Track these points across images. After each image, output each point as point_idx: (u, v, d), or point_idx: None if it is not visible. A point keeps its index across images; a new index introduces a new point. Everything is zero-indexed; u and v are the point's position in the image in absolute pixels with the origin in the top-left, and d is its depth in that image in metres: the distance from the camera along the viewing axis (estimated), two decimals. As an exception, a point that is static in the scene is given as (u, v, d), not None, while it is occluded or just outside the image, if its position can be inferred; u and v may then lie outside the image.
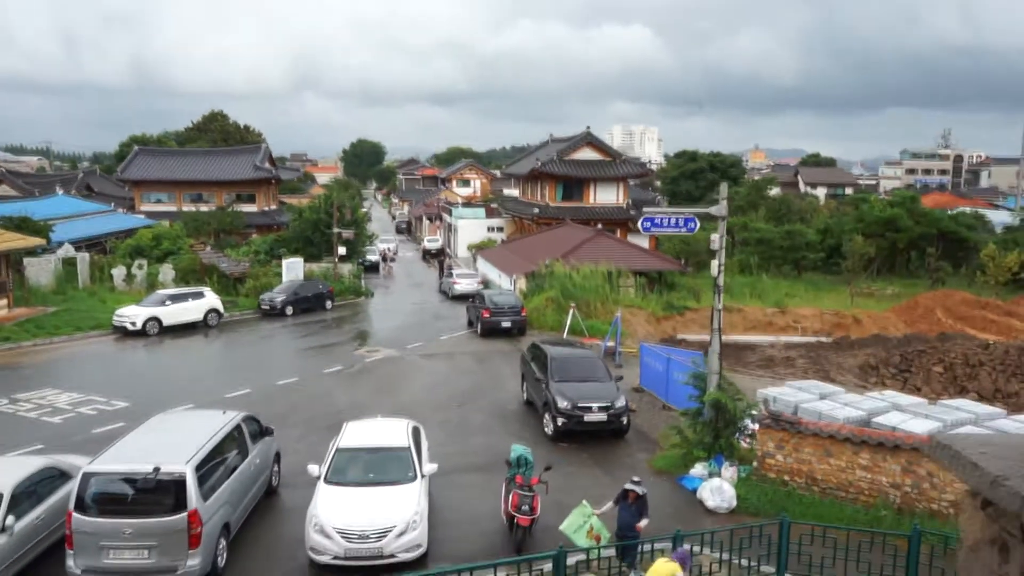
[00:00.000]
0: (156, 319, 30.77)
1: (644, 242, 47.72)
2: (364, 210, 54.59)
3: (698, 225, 16.43)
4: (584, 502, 12.40)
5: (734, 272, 40.89)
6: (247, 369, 26.13)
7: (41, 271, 37.06)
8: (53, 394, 22.08)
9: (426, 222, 79.36)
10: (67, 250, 39.24)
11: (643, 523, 11.87)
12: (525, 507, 12.84)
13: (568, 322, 30.58)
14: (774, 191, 71.42)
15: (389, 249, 57.26)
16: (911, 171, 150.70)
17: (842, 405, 17.93)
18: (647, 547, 11.83)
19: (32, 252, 36.39)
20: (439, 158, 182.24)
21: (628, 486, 11.98)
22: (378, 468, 13.35)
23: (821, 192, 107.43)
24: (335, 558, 11.95)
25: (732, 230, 42.74)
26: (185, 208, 54.24)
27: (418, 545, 12.25)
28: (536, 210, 50.99)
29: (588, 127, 54.21)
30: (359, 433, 14.26)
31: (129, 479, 11.36)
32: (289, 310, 35.42)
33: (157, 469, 11.23)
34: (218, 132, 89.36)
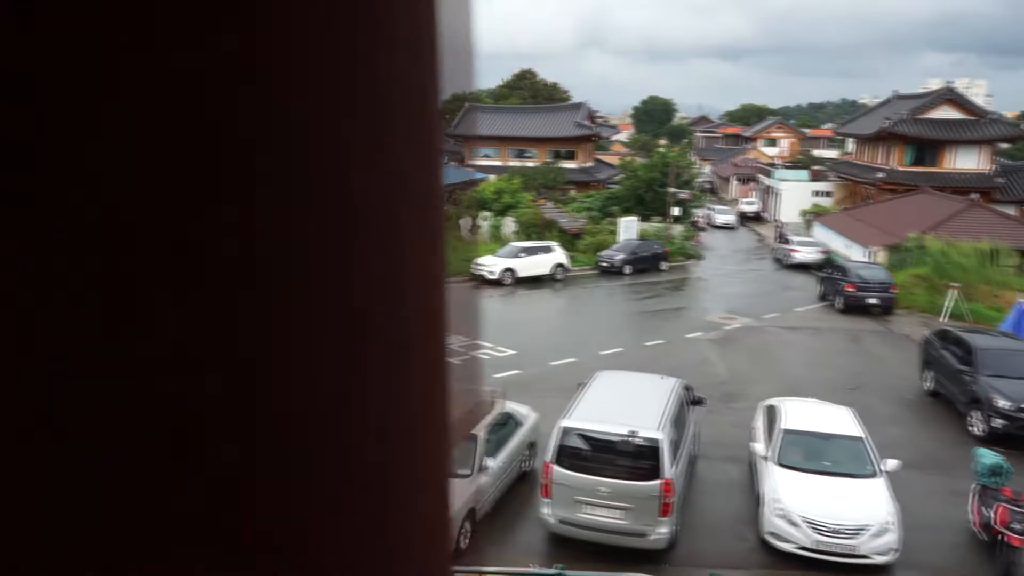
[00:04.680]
0: (511, 270, 32.35)
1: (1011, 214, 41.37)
2: (696, 170, 53.01)
3: None
4: None
5: None
6: (606, 326, 26.43)
7: (402, 218, 40.71)
8: (444, 335, 23.88)
9: (734, 183, 76.21)
10: (423, 200, 42.73)
11: None
12: (1017, 525, 11.18)
13: (948, 305, 27.20)
14: None
15: (713, 217, 54.58)
16: None
17: None
18: None
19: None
20: (732, 116, 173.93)
21: None
22: (833, 457, 12.41)
23: None
24: (801, 548, 11.27)
25: None
26: (509, 163, 56.77)
27: (894, 549, 11.18)
28: (881, 175, 46.28)
29: (950, 82, 48.03)
30: (802, 415, 13.39)
31: (604, 439, 11.45)
32: (627, 269, 35.54)
33: (634, 433, 11.22)
34: (528, 90, 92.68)
